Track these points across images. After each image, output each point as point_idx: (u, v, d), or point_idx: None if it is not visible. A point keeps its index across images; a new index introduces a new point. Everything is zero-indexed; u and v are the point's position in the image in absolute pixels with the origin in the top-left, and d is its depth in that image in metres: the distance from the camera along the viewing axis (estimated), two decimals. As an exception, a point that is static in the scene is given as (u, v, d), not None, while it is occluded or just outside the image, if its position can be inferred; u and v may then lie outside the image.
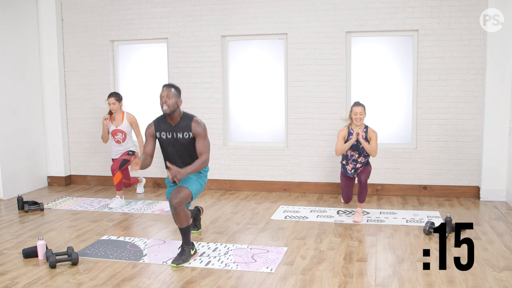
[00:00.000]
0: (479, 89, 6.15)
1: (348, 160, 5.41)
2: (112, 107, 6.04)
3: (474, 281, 3.66)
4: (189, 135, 4.14)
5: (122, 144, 6.15)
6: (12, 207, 6.16)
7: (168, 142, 4.19)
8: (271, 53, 6.80)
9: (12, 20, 6.74)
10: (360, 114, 5.23)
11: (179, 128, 4.15)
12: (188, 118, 4.18)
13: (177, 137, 4.15)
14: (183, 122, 4.15)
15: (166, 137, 4.19)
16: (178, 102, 4.14)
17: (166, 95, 4.08)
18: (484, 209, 5.74)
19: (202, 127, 4.16)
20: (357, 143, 5.32)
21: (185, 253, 4.12)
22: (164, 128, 4.19)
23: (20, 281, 3.80)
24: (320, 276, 3.79)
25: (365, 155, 5.36)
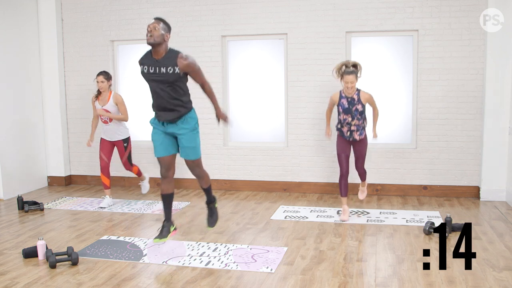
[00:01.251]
0: (479, 89, 6.16)
1: (343, 124, 5.32)
2: (100, 85, 5.92)
3: (474, 281, 3.66)
4: (173, 69, 4.00)
5: (110, 125, 6.02)
6: (12, 207, 6.16)
7: (151, 78, 4.07)
8: (271, 53, 6.80)
9: (12, 20, 6.74)
10: (351, 83, 5.14)
11: (163, 62, 4.01)
12: (174, 52, 4.06)
13: (160, 71, 4.01)
14: (167, 56, 4.03)
15: (148, 71, 4.07)
16: (165, 36, 4.02)
17: (153, 27, 3.97)
18: (484, 209, 5.74)
19: (190, 59, 4.05)
20: (348, 106, 5.24)
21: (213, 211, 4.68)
22: (148, 62, 4.07)
23: (20, 281, 3.80)
24: (320, 276, 3.79)
25: (358, 118, 5.27)
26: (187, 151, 4.26)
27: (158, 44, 4.01)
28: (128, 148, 6.13)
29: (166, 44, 4.07)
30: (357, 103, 5.23)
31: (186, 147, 4.25)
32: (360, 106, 5.24)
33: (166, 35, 4.04)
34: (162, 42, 4.01)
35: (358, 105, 5.24)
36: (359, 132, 5.32)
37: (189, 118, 4.23)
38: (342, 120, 5.32)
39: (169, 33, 4.08)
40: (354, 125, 5.28)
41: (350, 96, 5.23)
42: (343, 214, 5.33)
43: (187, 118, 4.22)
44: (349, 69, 5.17)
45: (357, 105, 5.24)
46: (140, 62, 4.16)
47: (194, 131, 4.27)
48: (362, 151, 5.44)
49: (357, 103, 5.23)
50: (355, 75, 5.15)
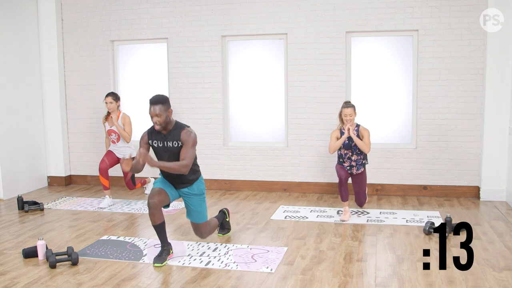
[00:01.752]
0: (479, 89, 6.15)
1: (344, 159, 5.50)
2: (109, 106, 6.03)
3: (474, 281, 3.66)
4: (177, 143, 4.16)
5: (117, 144, 6.15)
6: (12, 207, 6.16)
7: (159, 150, 4.23)
8: (271, 53, 6.80)
9: (12, 20, 6.74)
10: (350, 116, 5.31)
11: (170, 137, 4.17)
12: (179, 127, 4.19)
13: (167, 145, 4.18)
14: (173, 132, 4.17)
15: (157, 145, 4.23)
16: (169, 114, 4.13)
17: (155, 115, 4.06)
18: (484, 209, 5.74)
19: (190, 136, 4.14)
20: (348, 142, 5.40)
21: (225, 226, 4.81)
22: (156, 137, 4.23)
23: (20, 281, 3.80)
24: (320, 276, 3.79)
25: (357, 153, 5.43)
26: (193, 214, 4.37)
27: (166, 125, 4.14)
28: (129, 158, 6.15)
29: (171, 120, 4.18)
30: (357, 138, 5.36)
31: (192, 210, 4.35)
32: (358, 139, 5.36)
33: (169, 112, 4.13)
34: (168, 121, 4.14)
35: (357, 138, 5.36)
36: (357, 167, 5.48)
37: (195, 184, 4.34)
38: (343, 155, 5.48)
39: (170, 107, 4.15)
40: (354, 161, 5.45)
41: None
42: (344, 214, 5.34)
43: (194, 185, 4.33)
44: (347, 103, 5.39)
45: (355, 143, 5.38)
46: (149, 137, 4.27)
47: (201, 196, 4.36)
48: (362, 185, 5.61)
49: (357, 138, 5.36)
50: (353, 108, 5.33)
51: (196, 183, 4.33)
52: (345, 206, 5.40)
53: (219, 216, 4.84)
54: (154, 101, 4.07)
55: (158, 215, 4.12)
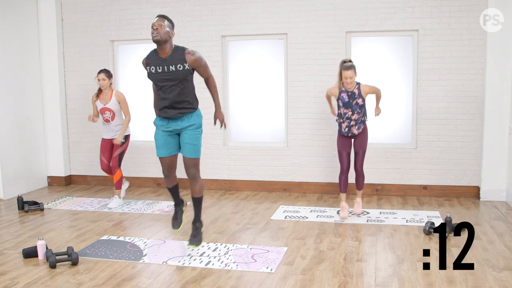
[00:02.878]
0: (479, 89, 6.16)
1: (343, 118, 5.32)
2: (101, 83, 5.89)
3: (474, 281, 3.66)
4: (183, 66, 3.97)
5: (111, 123, 6.01)
6: (12, 207, 6.16)
7: (159, 77, 4.02)
8: (271, 53, 6.80)
9: (12, 20, 6.74)
10: (350, 78, 5.12)
11: (171, 61, 3.97)
12: (180, 49, 4.02)
13: (169, 70, 3.97)
14: (175, 54, 3.99)
15: (156, 71, 4.01)
16: (171, 33, 3.98)
17: (158, 24, 3.92)
18: (484, 209, 5.74)
19: (197, 54, 4.03)
20: (349, 100, 5.23)
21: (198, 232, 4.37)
22: (154, 62, 4.02)
23: (20, 281, 3.80)
24: (320, 276, 3.79)
25: (358, 112, 5.26)
26: (188, 147, 4.17)
27: (164, 41, 3.95)
28: (124, 145, 6.10)
29: (171, 42, 4.02)
30: (358, 97, 5.23)
31: (187, 143, 4.17)
32: (360, 100, 5.24)
33: (171, 32, 4.00)
34: (168, 39, 3.96)
35: (358, 99, 5.23)
36: (357, 126, 5.31)
37: (194, 116, 4.19)
38: (342, 114, 5.32)
39: (173, 30, 4.04)
40: (354, 120, 5.28)
41: (351, 90, 5.23)
42: (342, 211, 5.32)
43: (193, 116, 4.18)
44: (347, 64, 5.16)
45: (357, 99, 5.23)
46: (146, 63, 4.08)
47: (198, 129, 4.21)
48: (362, 144, 5.36)
49: (358, 97, 5.23)
50: (353, 70, 5.14)
51: (195, 114, 4.18)
52: (342, 202, 5.36)
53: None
54: (162, 15, 4.01)
55: (173, 180, 4.38)
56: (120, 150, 6.06)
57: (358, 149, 5.40)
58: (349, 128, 5.31)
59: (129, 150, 6.97)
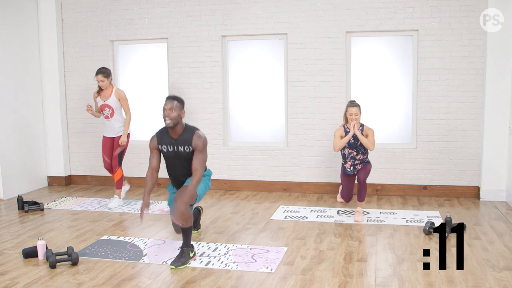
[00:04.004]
0: (479, 89, 6.16)
1: (347, 159, 5.46)
2: (101, 84, 5.92)
3: (474, 281, 3.66)
4: (189, 148, 4.15)
5: (111, 120, 6.02)
6: (12, 207, 6.16)
7: (169, 155, 4.22)
8: (271, 53, 6.80)
9: (12, 20, 6.74)
10: (355, 115, 5.29)
11: (181, 141, 4.15)
12: (190, 131, 4.17)
13: (178, 150, 4.17)
14: (184, 135, 4.15)
15: (167, 150, 4.21)
16: (181, 114, 4.12)
17: (169, 108, 4.06)
18: (484, 209, 5.74)
19: (202, 141, 4.14)
20: (354, 141, 5.37)
21: (184, 255, 4.08)
22: (166, 141, 4.21)
23: (20, 281, 3.80)
24: (320, 276, 3.79)
25: (363, 153, 5.40)
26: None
27: (176, 124, 4.11)
28: (124, 144, 6.10)
29: (181, 122, 4.17)
30: None
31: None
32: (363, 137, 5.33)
33: (182, 113, 4.13)
34: (179, 121, 4.12)
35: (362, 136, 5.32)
36: (361, 165, 5.44)
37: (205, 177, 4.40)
38: (347, 154, 5.44)
39: (183, 109, 4.15)
40: (358, 159, 5.41)
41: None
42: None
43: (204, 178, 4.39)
44: (353, 102, 5.37)
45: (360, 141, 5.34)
46: (159, 142, 4.24)
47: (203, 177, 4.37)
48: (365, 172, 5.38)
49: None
50: (358, 107, 5.30)
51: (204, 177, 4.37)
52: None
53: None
54: (171, 97, 4.12)
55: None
56: (120, 149, 6.06)
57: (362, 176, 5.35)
58: (354, 167, 5.45)
59: (129, 150, 6.98)
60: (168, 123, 4.07)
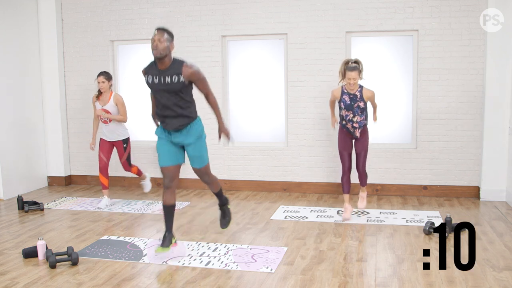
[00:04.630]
0: (479, 89, 6.16)
1: (345, 120, 5.28)
2: (101, 85, 5.94)
3: (474, 281, 3.66)
4: (178, 78, 4.01)
5: (109, 125, 6.03)
6: (12, 207, 6.16)
7: (156, 87, 4.07)
8: (271, 53, 6.80)
9: (12, 20, 6.74)
10: (354, 79, 5.06)
11: (168, 72, 4.02)
12: (178, 62, 4.06)
13: (165, 81, 4.02)
14: (172, 66, 4.03)
15: (152, 81, 4.08)
16: (170, 47, 4.02)
17: (158, 39, 3.95)
18: (484, 209, 5.74)
19: (194, 68, 4.07)
20: (350, 102, 5.19)
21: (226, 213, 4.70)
22: (152, 72, 4.09)
23: (20, 281, 3.80)
24: (320, 276, 3.79)
25: (359, 114, 5.22)
26: (194, 159, 4.30)
27: (164, 56, 4.01)
28: (128, 149, 6.13)
29: (170, 55, 4.07)
30: (359, 100, 5.18)
31: (193, 156, 4.28)
32: (362, 103, 5.19)
33: (170, 45, 4.05)
34: (167, 53, 4.02)
35: (360, 102, 5.18)
36: (359, 129, 5.28)
37: (195, 126, 4.24)
38: (344, 116, 5.29)
39: (173, 43, 4.08)
40: (356, 122, 5.24)
41: (353, 93, 5.18)
42: (345, 212, 5.30)
43: (193, 126, 4.23)
44: (352, 65, 5.10)
45: (359, 102, 5.18)
46: (144, 72, 4.15)
47: (200, 139, 4.29)
48: (364, 146, 5.34)
49: (359, 100, 5.18)
50: (357, 71, 5.06)
51: (195, 124, 4.23)
52: (346, 203, 5.34)
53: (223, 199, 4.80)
54: (162, 28, 4.03)
55: (172, 196, 4.22)
56: (126, 155, 6.10)
57: (359, 150, 5.36)
58: (354, 129, 5.28)
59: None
60: (155, 54, 3.95)
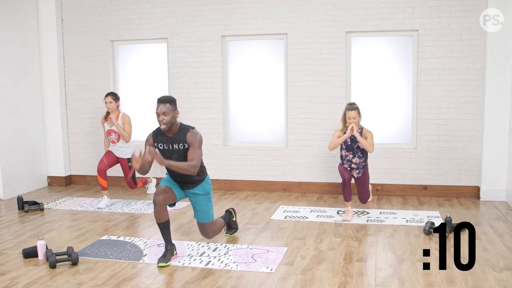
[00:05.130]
0: (479, 89, 6.15)
1: (344, 160, 5.43)
2: (108, 106, 6.04)
3: (474, 281, 3.66)
4: (184, 146, 4.17)
5: (117, 144, 6.14)
6: (12, 207, 6.16)
7: (165, 153, 4.23)
8: (271, 53, 6.80)
9: (12, 20, 6.74)
10: (354, 119, 5.24)
11: (176, 140, 4.18)
12: (185, 130, 4.19)
13: (173, 148, 4.19)
14: (179, 134, 4.18)
15: (163, 148, 4.24)
16: (175, 115, 4.13)
17: (162, 113, 4.06)
18: (484, 209, 5.74)
19: (196, 138, 4.17)
20: (351, 143, 5.33)
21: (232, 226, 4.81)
22: (161, 140, 4.23)
23: (20, 281, 3.80)
24: (320, 276, 3.79)
25: (359, 156, 5.35)
26: (201, 214, 4.39)
27: (171, 126, 4.14)
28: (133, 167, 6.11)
29: (176, 122, 4.18)
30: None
31: (198, 210, 4.38)
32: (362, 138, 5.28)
33: (175, 113, 4.13)
34: (174, 122, 4.14)
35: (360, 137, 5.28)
36: (358, 171, 5.41)
37: (204, 184, 4.37)
38: (343, 156, 5.42)
39: (176, 110, 4.15)
40: (355, 163, 5.37)
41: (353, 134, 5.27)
42: (347, 214, 5.32)
43: (202, 184, 4.36)
44: (351, 106, 5.30)
45: (359, 142, 5.29)
46: (154, 141, 4.27)
47: (207, 196, 4.38)
48: (364, 184, 5.49)
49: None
50: (357, 110, 5.26)
51: (202, 183, 4.35)
52: (348, 206, 5.38)
53: (225, 216, 4.84)
54: (163, 100, 4.10)
55: (163, 213, 4.12)
56: (131, 173, 6.11)
57: (361, 188, 5.52)
58: (351, 170, 5.41)
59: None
60: (164, 128, 4.10)
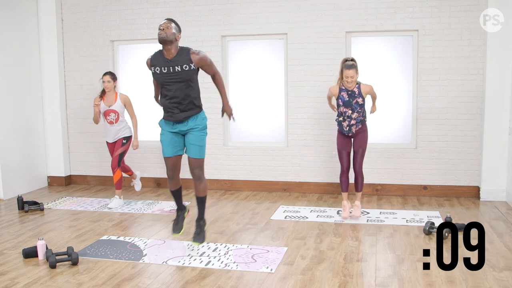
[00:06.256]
0: (479, 89, 6.16)
1: (343, 116, 5.29)
2: (106, 85, 5.95)
3: (474, 281, 3.66)
4: (189, 66, 3.99)
5: (115, 125, 6.03)
6: (12, 207, 6.16)
7: (165, 78, 4.03)
8: (271, 53, 6.80)
9: (12, 20, 6.74)
10: (351, 78, 5.10)
11: (177, 61, 3.99)
12: (185, 50, 4.04)
13: (175, 71, 3.99)
14: (180, 55, 4.01)
15: (161, 72, 4.03)
16: (177, 36, 4.02)
17: (165, 25, 3.97)
18: (484, 209, 5.74)
19: (202, 54, 4.07)
20: (348, 99, 5.22)
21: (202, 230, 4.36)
22: (159, 63, 4.03)
23: (20, 281, 3.80)
24: (320, 276, 3.79)
25: (358, 111, 5.24)
26: (194, 148, 4.21)
27: (170, 41, 3.97)
28: (125, 146, 6.11)
29: (176, 44, 4.05)
30: (358, 96, 5.21)
31: (193, 144, 4.21)
32: (360, 99, 5.22)
33: (177, 34, 4.04)
34: (174, 40, 3.99)
35: (358, 98, 5.21)
36: (356, 125, 5.28)
37: (200, 117, 4.24)
38: (342, 112, 5.30)
39: (180, 34, 4.08)
40: (354, 119, 5.26)
41: (351, 89, 5.21)
42: (344, 211, 5.32)
43: (198, 117, 4.23)
44: (349, 63, 5.13)
45: (357, 98, 5.21)
46: (151, 64, 4.09)
47: (203, 131, 4.28)
48: (362, 143, 5.34)
49: (358, 96, 5.21)
50: (355, 69, 5.12)
51: (201, 116, 4.23)
52: (344, 201, 5.36)
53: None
54: (170, 18, 4.06)
55: (176, 183, 4.37)
56: (121, 150, 6.06)
57: (357, 148, 5.37)
58: (350, 127, 5.28)
59: (130, 150, 6.97)
60: (161, 34, 3.91)
